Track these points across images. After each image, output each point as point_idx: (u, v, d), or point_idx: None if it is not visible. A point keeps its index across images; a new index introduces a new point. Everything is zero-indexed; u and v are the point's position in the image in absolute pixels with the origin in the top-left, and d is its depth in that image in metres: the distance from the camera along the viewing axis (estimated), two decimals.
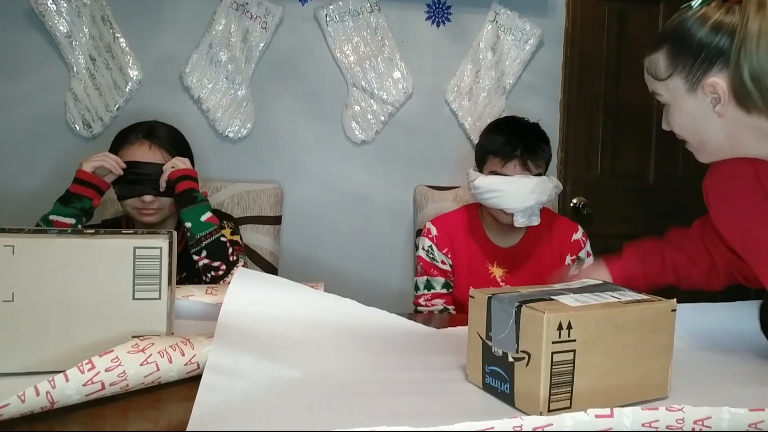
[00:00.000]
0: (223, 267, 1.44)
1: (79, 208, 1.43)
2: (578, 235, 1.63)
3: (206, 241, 1.43)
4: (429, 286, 1.60)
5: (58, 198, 1.44)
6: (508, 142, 1.47)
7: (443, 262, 1.60)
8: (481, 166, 1.55)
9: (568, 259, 1.61)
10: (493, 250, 1.60)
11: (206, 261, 1.43)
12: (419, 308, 1.60)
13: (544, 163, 1.52)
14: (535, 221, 1.48)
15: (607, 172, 2.38)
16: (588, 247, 1.63)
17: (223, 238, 1.45)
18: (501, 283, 1.59)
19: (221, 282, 1.42)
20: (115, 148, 1.53)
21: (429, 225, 1.63)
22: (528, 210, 1.46)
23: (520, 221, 1.47)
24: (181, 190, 1.46)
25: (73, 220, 1.42)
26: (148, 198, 1.46)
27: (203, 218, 1.45)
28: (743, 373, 0.93)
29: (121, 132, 1.55)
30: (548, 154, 1.53)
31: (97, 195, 1.45)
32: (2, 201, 2.02)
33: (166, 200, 1.50)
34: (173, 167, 1.48)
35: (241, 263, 1.47)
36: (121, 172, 1.46)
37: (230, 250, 1.45)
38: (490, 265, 1.60)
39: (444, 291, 1.60)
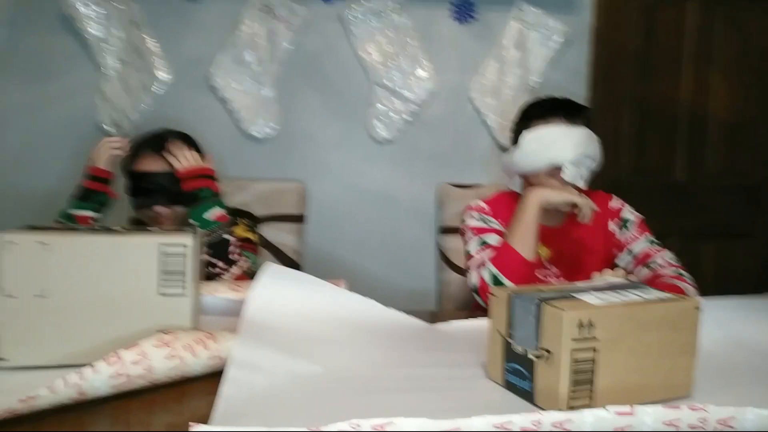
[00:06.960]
0: (221, 264, 1.45)
1: (98, 202, 1.51)
2: (614, 202, 1.55)
3: (206, 238, 1.45)
4: (482, 242, 1.43)
5: (73, 194, 1.50)
6: (549, 107, 1.46)
7: (500, 223, 1.48)
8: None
9: (611, 225, 1.53)
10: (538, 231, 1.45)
11: (204, 257, 1.45)
12: (470, 262, 1.41)
13: (586, 123, 1.44)
14: (580, 182, 1.39)
15: (633, 170, 2.34)
16: (629, 208, 1.54)
17: (226, 236, 1.46)
18: (546, 264, 1.51)
19: (218, 279, 1.44)
20: (129, 160, 1.56)
21: (478, 201, 1.53)
22: (577, 161, 1.37)
23: (570, 174, 1.37)
24: (186, 190, 1.49)
25: (95, 213, 1.51)
26: (159, 209, 1.49)
27: (207, 216, 1.47)
28: None
29: (134, 145, 1.59)
30: (590, 114, 1.48)
31: (110, 188, 1.53)
32: (37, 199, 2.08)
33: (179, 210, 1.51)
34: (181, 166, 1.50)
35: (242, 260, 1.48)
36: (125, 152, 1.54)
37: (230, 248, 1.46)
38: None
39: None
